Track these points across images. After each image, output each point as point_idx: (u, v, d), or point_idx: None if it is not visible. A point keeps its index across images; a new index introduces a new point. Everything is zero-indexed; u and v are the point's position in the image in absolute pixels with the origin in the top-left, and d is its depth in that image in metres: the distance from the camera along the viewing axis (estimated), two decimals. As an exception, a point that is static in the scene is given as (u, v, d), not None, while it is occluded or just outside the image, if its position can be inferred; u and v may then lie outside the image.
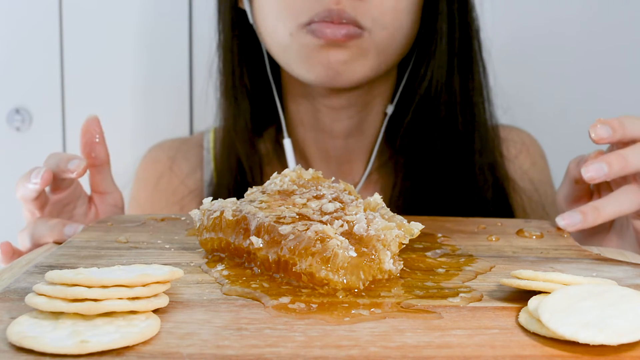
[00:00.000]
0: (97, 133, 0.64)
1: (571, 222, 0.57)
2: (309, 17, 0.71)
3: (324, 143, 0.83)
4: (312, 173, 0.54)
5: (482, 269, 0.48)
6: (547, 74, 1.05)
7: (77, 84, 1.04)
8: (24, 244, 0.61)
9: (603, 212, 0.57)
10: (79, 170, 0.59)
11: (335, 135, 0.82)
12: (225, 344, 0.35)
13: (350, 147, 0.83)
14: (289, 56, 0.74)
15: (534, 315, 0.37)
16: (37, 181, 0.58)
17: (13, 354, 0.33)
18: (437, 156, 0.79)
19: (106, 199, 0.66)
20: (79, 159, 0.59)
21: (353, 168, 0.84)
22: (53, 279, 0.38)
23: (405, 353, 0.34)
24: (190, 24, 1.05)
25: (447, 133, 0.78)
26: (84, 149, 0.64)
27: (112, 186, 0.66)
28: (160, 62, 1.06)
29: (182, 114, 1.07)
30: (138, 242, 0.53)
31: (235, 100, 0.81)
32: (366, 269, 0.43)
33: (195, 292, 0.42)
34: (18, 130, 1.05)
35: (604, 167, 0.56)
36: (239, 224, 0.48)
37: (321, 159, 0.84)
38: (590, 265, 0.49)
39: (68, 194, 0.64)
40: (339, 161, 0.84)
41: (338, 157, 0.83)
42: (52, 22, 1.03)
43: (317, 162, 0.84)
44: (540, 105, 1.02)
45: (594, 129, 0.57)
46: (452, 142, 0.79)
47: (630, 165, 0.56)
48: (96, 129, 0.64)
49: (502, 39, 0.91)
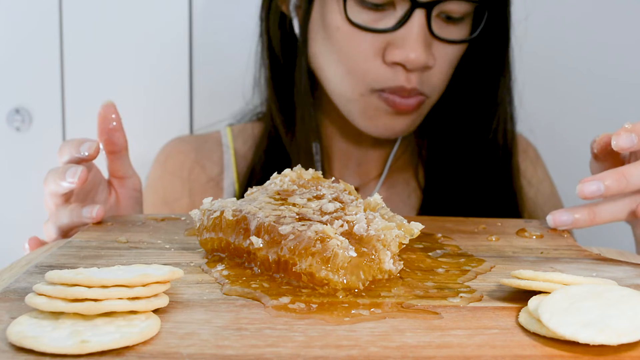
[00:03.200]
0: (113, 119, 0.63)
1: (560, 223, 0.58)
2: (381, 87, 0.74)
3: (346, 148, 0.86)
4: (312, 173, 0.54)
5: (482, 269, 0.48)
6: (542, 79, 1.06)
7: (77, 84, 1.04)
8: (50, 235, 0.61)
9: (598, 216, 0.57)
10: (92, 151, 0.59)
11: (363, 143, 0.85)
12: (225, 344, 0.35)
13: (370, 152, 0.86)
14: (352, 108, 0.77)
15: (534, 315, 0.37)
16: (73, 180, 0.57)
17: (13, 354, 0.33)
18: (458, 159, 0.83)
19: (126, 183, 0.66)
20: (89, 141, 0.59)
21: (370, 168, 0.87)
22: (53, 279, 0.38)
23: (405, 353, 0.34)
24: (190, 24, 1.05)
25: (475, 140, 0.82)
26: (101, 136, 0.63)
27: (131, 170, 0.66)
28: (160, 62, 1.06)
29: (182, 114, 1.07)
30: (138, 242, 0.53)
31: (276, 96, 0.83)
32: (366, 269, 0.43)
33: (195, 292, 0.42)
34: (18, 130, 1.05)
35: (634, 138, 0.55)
36: (239, 224, 0.48)
37: (341, 158, 0.86)
38: (590, 265, 0.49)
39: (89, 181, 0.63)
40: (358, 162, 0.87)
41: (357, 157, 0.86)
42: (52, 22, 1.03)
43: (337, 160, 0.86)
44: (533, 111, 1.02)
45: (617, 138, 0.55)
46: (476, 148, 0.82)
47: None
48: (112, 115, 0.63)
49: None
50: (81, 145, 0.59)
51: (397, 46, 0.72)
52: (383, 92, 0.74)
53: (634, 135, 0.55)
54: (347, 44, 0.74)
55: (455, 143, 0.83)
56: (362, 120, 0.77)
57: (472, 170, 0.82)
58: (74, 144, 0.60)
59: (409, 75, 0.73)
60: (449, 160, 0.84)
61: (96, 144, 0.59)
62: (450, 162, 0.84)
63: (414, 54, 0.71)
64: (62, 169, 0.58)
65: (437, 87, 0.76)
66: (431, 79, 0.75)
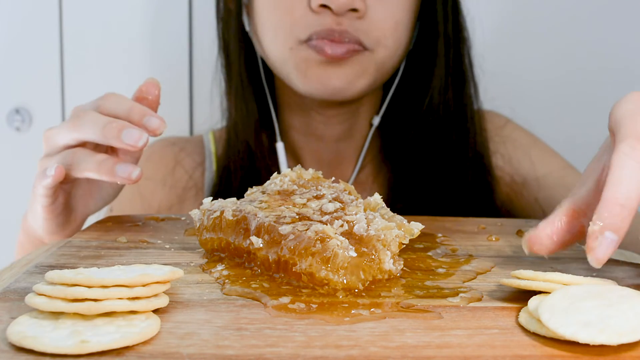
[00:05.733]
0: (152, 101, 0.58)
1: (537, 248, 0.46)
2: (308, 35, 0.72)
3: (316, 147, 0.84)
4: (312, 173, 0.54)
5: (482, 269, 0.48)
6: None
7: (77, 84, 1.04)
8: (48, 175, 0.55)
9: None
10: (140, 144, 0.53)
11: (327, 139, 0.84)
12: (225, 344, 0.35)
13: (340, 150, 0.85)
14: (287, 69, 0.75)
15: (534, 315, 0.37)
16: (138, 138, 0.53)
17: (13, 354, 0.33)
18: (425, 161, 0.80)
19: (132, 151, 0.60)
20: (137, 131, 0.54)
21: (343, 170, 0.86)
22: (53, 279, 0.38)
23: (405, 353, 0.34)
24: (190, 24, 1.05)
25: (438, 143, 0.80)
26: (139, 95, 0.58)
27: None
28: (160, 62, 1.06)
29: (182, 114, 1.07)
30: (138, 242, 0.53)
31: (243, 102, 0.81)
32: (366, 269, 0.43)
33: (195, 292, 0.42)
34: (18, 130, 1.05)
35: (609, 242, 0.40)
36: (239, 224, 0.48)
37: (313, 161, 0.85)
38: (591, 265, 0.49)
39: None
40: (331, 164, 0.85)
41: (330, 160, 0.85)
42: (52, 22, 1.03)
43: (310, 164, 0.85)
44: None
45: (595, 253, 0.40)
46: (442, 149, 0.80)
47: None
48: (153, 95, 0.58)
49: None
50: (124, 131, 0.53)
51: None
52: (311, 40, 0.71)
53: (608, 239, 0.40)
54: (274, 1, 0.72)
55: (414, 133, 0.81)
56: (298, 79, 0.74)
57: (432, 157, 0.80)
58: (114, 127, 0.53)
59: (338, 19, 0.70)
60: (408, 151, 0.81)
61: (145, 136, 0.54)
62: (409, 153, 0.81)
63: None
64: (119, 126, 0.53)
65: (381, 41, 0.73)
66: (370, 29, 0.72)
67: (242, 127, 0.81)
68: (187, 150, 0.87)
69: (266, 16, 0.75)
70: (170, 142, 0.88)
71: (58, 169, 0.55)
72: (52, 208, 0.59)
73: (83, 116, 0.56)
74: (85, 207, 0.63)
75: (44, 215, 0.59)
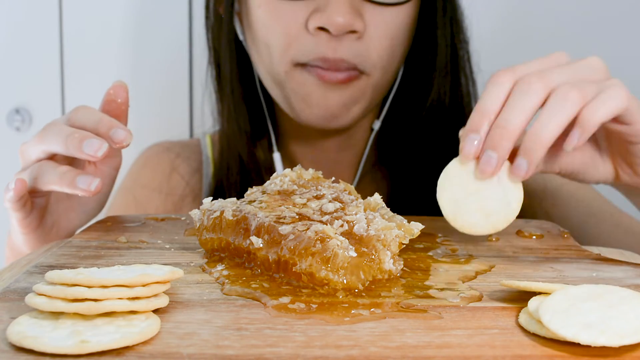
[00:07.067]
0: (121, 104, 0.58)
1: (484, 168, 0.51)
2: (304, 61, 0.70)
3: (314, 156, 0.84)
4: (312, 173, 0.54)
5: (482, 269, 0.48)
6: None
7: (77, 84, 1.04)
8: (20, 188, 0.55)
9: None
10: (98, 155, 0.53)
11: (325, 149, 0.83)
12: (225, 344, 0.35)
13: (340, 159, 0.84)
14: (285, 94, 0.73)
15: (534, 316, 0.37)
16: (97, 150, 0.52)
17: (13, 354, 0.33)
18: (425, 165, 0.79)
19: (110, 161, 0.60)
20: (96, 140, 0.53)
21: (344, 178, 0.85)
22: (53, 279, 0.38)
23: (405, 353, 0.34)
24: (190, 25, 1.05)
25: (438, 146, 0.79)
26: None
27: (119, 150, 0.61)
28: (160, 63, 1.06)
29: (182, 116, 1.07)
30: (138, 242, 0.53)
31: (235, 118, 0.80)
32: (366, 269, 0.43)
33: (195, 292, 0.42)
34: (18, 130, 1.05)
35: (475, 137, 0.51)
36: (239, 224, 0.48)
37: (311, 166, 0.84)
38: (590, 265, 0.49)
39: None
40: (330, 173, 0.84)
41: (329, 169, 0.84)
42: (52, 22, 1.03)
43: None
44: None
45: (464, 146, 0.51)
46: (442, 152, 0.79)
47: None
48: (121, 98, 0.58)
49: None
50: (85, 141, 0.53)
51: (320, 10, 0.67)
52: (307, 65, 0.70)
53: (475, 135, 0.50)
54: (269, 18, 0.69)
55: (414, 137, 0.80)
56: (297, 104, 0.72)
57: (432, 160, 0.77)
58: (76, 137, 0.53)
59: (335, 45, 0.68)
60: (408, 155, 0.80)
61: (105, 146, 0.53)
62: (408, 157, 0.80)
63: (335, 15, 0.66)
64: (80, 136, 0.53)
65: (376, 62, 0.71)
66: (369, 52, 0.70)
67: (234, 141, 0.80)
68: (183, 156, 0.86)
69: (261, 30, 0.72)
70: (166, 148, 0.87)
71: (18, 182, 0.55)
72: (27, 222, 0.58)
73: (50, 128, 0.56)
74: (68, 221, 0.62)
75: (20, 230, 0.59)
